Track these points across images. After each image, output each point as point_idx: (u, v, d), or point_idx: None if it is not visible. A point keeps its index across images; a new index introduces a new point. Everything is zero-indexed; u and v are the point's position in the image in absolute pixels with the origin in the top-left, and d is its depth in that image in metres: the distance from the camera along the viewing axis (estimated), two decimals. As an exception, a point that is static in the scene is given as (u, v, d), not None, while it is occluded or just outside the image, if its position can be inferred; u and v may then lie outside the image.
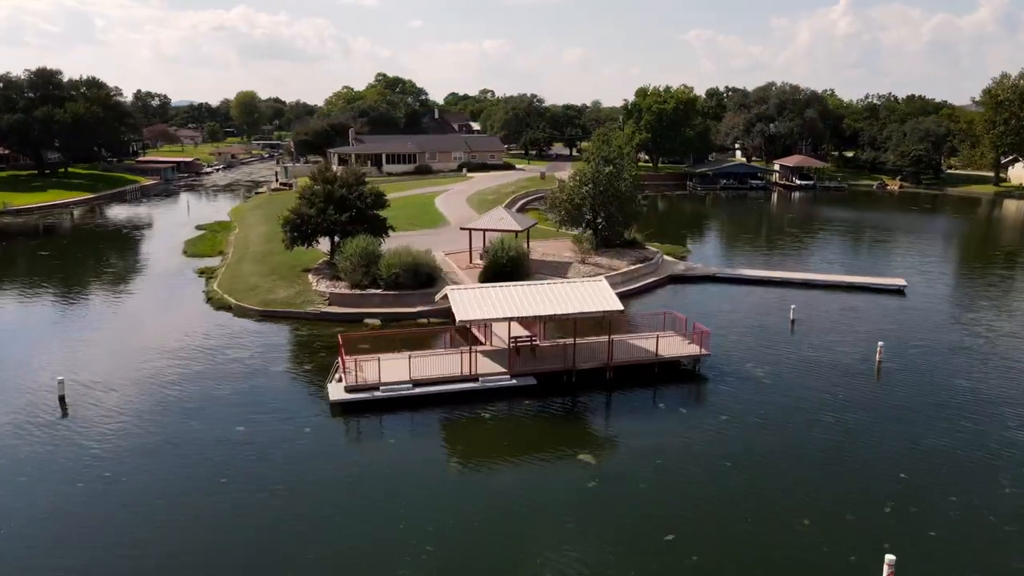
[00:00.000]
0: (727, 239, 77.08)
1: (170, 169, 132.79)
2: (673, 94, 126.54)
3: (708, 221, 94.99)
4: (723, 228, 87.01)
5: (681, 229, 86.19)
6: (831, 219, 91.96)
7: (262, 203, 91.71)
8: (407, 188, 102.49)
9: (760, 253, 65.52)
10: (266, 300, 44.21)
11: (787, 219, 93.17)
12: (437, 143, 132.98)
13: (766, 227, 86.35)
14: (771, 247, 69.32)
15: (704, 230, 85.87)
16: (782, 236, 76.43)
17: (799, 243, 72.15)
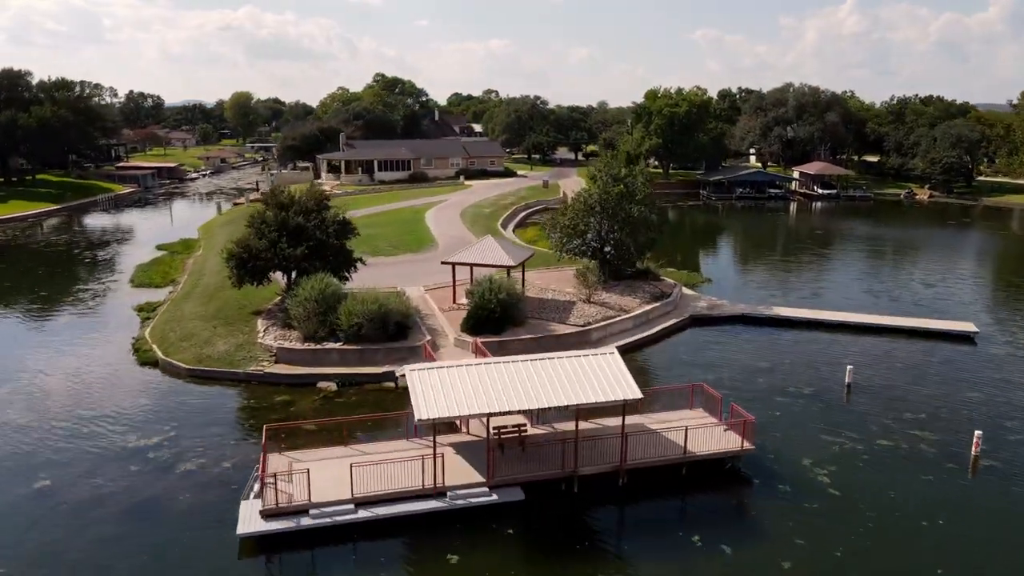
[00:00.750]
0: (750, 261, 68.69)
1: (149, 176, 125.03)
2: (685, 96, 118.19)
3: (726, 237, 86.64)
4: (744, 246, 78.65)
5: (697, 247, 78.02)
6: (862, 235, 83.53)
7: (237, 217, 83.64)
8: (397, 199, 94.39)
9: (791, 280, 57.15)
10: (200, 355, 36.14)
11: (814, 235, 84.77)
12: (433, 148, 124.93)
13: (792, 245, 77.97)
14: (801, 271, 60.94)
15: (723, 249, 77.51)
16: (812, 257, 68.04)
17: (832, 267, 63.74)
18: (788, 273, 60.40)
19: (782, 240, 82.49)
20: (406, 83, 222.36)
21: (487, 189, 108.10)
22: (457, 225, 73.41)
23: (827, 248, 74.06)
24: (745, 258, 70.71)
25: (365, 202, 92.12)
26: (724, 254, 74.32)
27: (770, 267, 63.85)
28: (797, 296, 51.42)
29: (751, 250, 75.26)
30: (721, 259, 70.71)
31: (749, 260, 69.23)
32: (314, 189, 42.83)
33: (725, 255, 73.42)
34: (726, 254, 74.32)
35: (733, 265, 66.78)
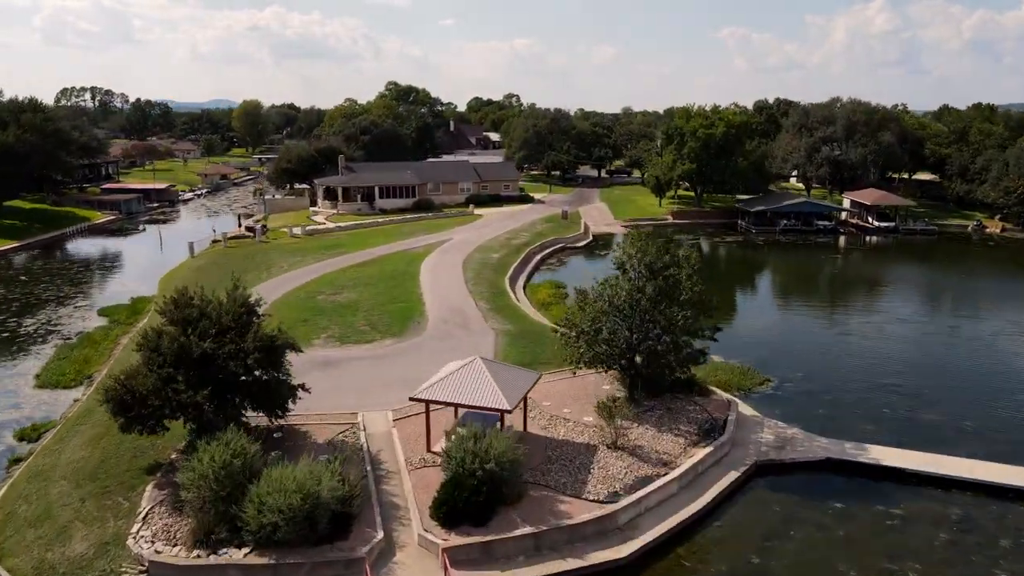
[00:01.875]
0: (814, 333, 56.03)
1: (134, 200, 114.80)
2: (722, 116, 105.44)
3: (774, 288, 74.02)
4: (799, 303, 66.01)
5: (741, 302, 65.44)
6: (946, 287, 70.68)
7: (209, 263, 72.79)
8: (395, 237, 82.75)
9: (881, 376, 44.65)
10: (41, 562, 24.68)
11: (888, 285, 71.94)
12: (441, 172, 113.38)
13: (864, 303, 65.25)
14: (890, 356, 48.39)
15: (773, 308, 64.86)
16: (899, 327, 55.31)
17: (937, 352, 50.95)
18: (875, 361, 47.77)
19: (847, 293, 69.70)
20: (420, 91, 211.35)
21: (499, 221, 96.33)
22: (457, 283, 61.62)
23: (914, 308, 61.29)
24: (806, 328, 58.06)
25: (357, 242, 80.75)
26: (777, 318, 61.68)
27: (844, 345, 51.24)
28: (899, 413, 39.00)
29: (810, 311, 62.57)
30: (774, 327, 58.11)
31: (811, 330, 56.59)
32: (240, 294, 31.16)
33: (778, 320, 60.80)
34: (779, 318, 61.68)
35: (792, 339, 54.23)
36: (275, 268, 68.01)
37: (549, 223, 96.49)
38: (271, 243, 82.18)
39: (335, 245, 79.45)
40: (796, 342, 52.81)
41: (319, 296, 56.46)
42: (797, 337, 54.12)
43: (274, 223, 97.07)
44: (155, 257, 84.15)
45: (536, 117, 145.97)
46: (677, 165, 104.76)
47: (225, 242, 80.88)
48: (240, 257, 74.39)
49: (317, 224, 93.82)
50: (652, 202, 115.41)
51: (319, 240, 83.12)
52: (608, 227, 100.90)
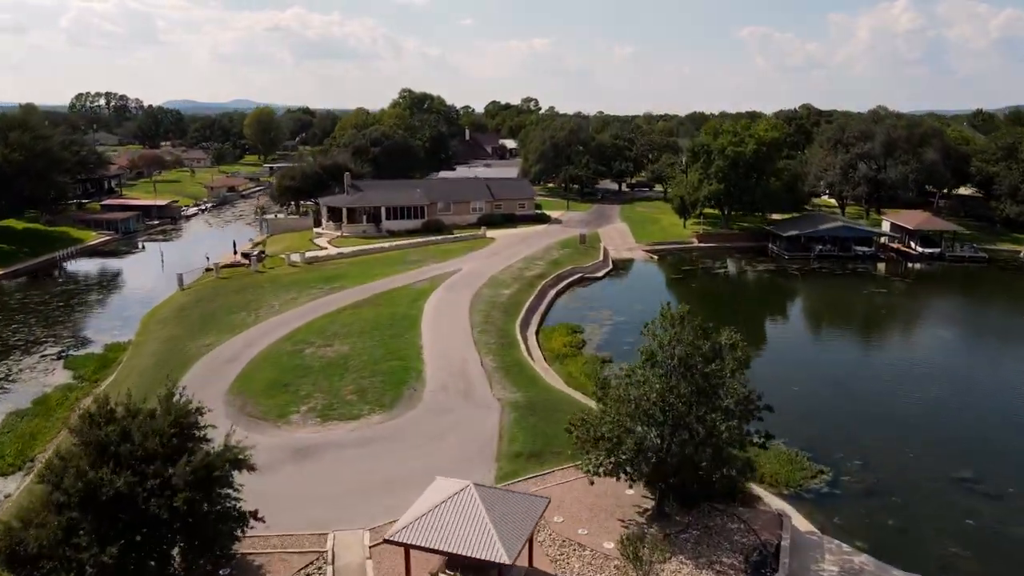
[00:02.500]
0: (868, 401, 49.21)
1: (132, 219, 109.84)
2: (752, 132, 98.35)
3: (815, 330, 67.04)
4: (848, 354, 59.04)
5: (778, 350, 58.44)
6: (1014, 331, 63.54)
7: (197, 299, 67.21)
8: (398, 267, 76.61)
9: (953, 466, 37.93)
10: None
11: (944, 329, 64.85)
12: (452, 191, 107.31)
13: (919, 353, 58.25)
14: (959, 436, 41.61)
15: (818, 360, 57.78)
16: (962, 384, 48.42)
17: (1012, 414, 44.05)
18: (945, 439, 40.99)
19: (900, 339, 62.67)
20: (435, 99, 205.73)
21: (512, 246, 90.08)
22: (462, 330, 55.42)
23: (981, 363, 54.27)
24: (858, 389, 51.13)
25: (358, 273, 74.85)
26: (823, 375, 54.64)
27: (905, 415, 44.37)
28: (985, 523, 32.28)
29: (860, 365, 55.64)
30: (821, 388, 51.19)
31: (865, 394, 49.70)
32: (175, 404, 25.04)
33: (825, 378, 53.79)
34: (826, 375, 54.65)
35: (844, 406, 47.39)
36: (265, 308, 62.21)
37: (566, 248, 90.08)
38: (267, 273, 76.51)
39: (334, 277, 73.62)
40: (849, 411, 45.91)
41: (307, 349, 50.51)
42: (849, 404, 47.21)
43: (274, 246, 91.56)
44: (145, 286, 78.92)
45: (554, 129, 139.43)
46: (703, 185, 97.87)
47: (218, 272, 75.26)
48: (231, 291, 68.78)
49: (318, 249, 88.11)
50: (675, 222, 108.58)
51: (318, 270, 77.33)
52: (629, 251, 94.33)
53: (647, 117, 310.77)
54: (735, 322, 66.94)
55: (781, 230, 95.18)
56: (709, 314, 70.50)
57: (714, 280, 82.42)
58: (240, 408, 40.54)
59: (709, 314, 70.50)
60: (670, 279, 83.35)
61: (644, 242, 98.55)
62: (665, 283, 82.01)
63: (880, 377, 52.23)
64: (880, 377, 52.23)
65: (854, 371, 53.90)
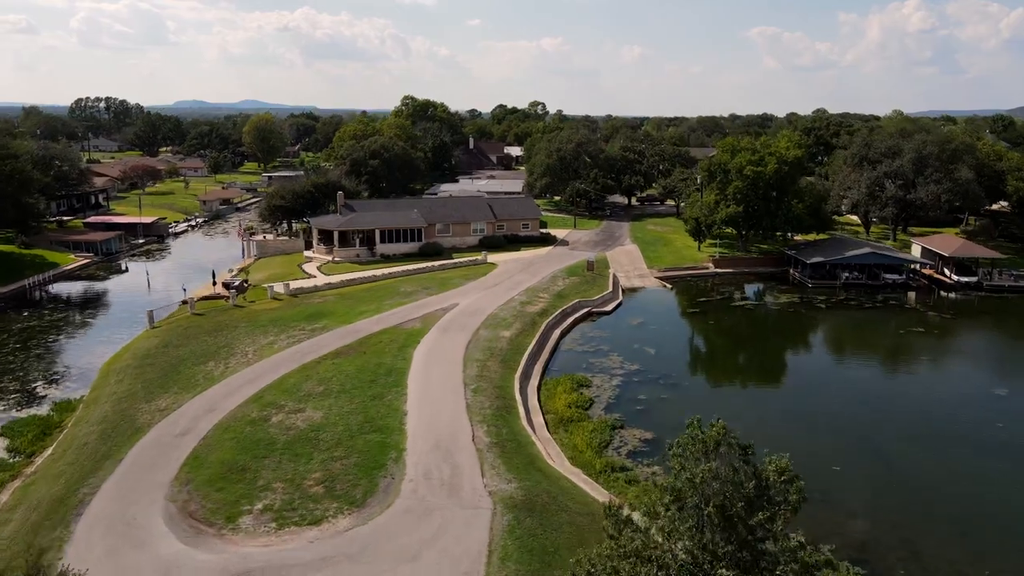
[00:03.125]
0: (936, 490, 42.46)
1: (114, 239, 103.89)
2: (773, 150, 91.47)
3: (849, 378, 60.03)
4: (895, 415, 52.16)
5: (805, 404, 50.84)
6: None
7: (164, 343, 60.94)
8: (387, 302, 69.84)
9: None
10: None
11: (1010, 384, 57.86)
12: (452, 211, 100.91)
13: (986, 411, 51.39)
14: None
15: (854, 424, 50.82)
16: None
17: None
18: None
19: (957, 398, 55.69)
20: (438, 106, 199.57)
21: (514, 273, 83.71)
22: (453, 389, 49.01)
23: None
24: (911, 472, 44.39)
25: (345, 309, 68.56)
26: (865, 445, 47.89)
27: (977, 507, 37.71)
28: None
29: (906, 429, 48.80)
30: (865, 466, 44.46)
31: (921, 477, 42.98)
32: None
33: (868, 449, 47.05)
34: (869, 447, 47.89)
35: (895, 492, 40.72)
36: (237, 356, 55.94)
37: (572, 276, 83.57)
38: (247, 308, 70.30)
39: (318, 314, 67.35)
40: (904, 501, 39.21)
41: (275, 416, 44.18)
42: (904, 490, 40.50)
43: (259, 273, 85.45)
44: (118, 319, 72.84)
45: (560, 141, 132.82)
46: (720, 207, 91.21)
47: (192, 307, 69.04)
48: (203, 332, 62.54)
49: (305, 278, 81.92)
50: (689, 243, 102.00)
51: (302, 305, 71.07)
52: (640, 279, 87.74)
53: (657, 123, 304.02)
54: (759, 370, 60.60)
55: (804, 255, 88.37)
56: (730, 359, 64.88)
57: (733, 315, 75.72)
58: (182, 507, 34.19)
59: (730, 359, 64.88)
60: (686, 313, 76.75)
61: (656, 267, 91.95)
62: (680, 318, 75.36)
63: (939, 451, 45.44)
64: (939, 451, 45.44)
65: (905, 444, 47.01)
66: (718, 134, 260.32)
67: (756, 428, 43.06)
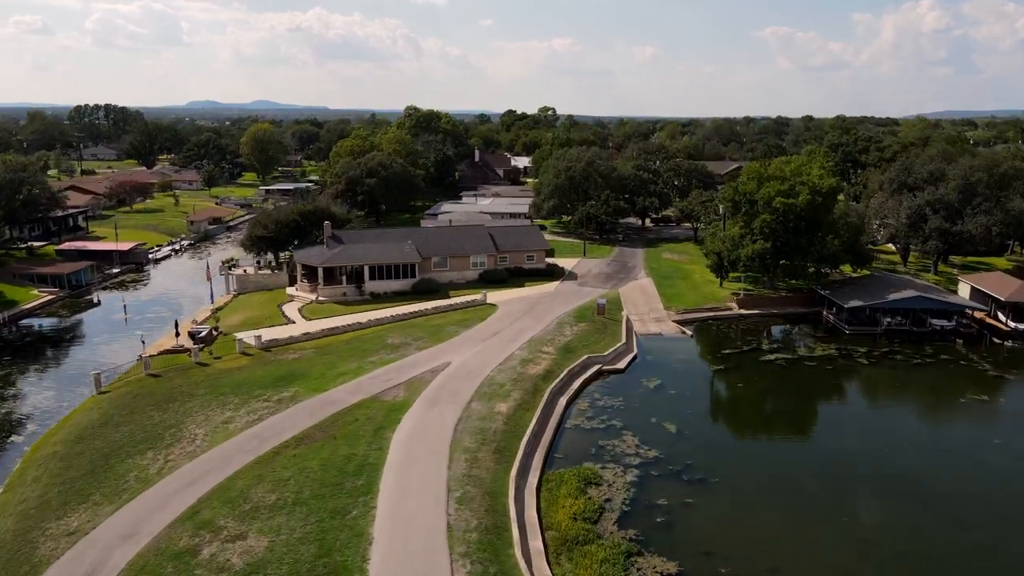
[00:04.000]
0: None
1: (85, 270, 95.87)
2: (804, 179, 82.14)
3: (912, 481, 50.56)
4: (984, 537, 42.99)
5: (852, 495, 41.01)
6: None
7: (104, 420, 52.54)
8: (369, 360, 60.87)
9: None
10: None
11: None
12: (449, 243, 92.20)
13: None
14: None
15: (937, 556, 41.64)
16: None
17: None
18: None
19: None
20: (443, 117, 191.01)
21: (516, 318, 75.00)
22: (434, 497, 40.36)
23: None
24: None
25: (318, 371, 60.08)
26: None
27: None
28: None
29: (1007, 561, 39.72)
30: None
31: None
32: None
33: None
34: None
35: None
36: (183, 442, 47.45)
37: (581, 322, 74.74)
38: (211, 366, 61.92)
39: (290, 377, 58.88)
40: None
41: (206, 548, 35.57)
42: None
43: (234, 316, 77.11)
44: (63, 379, 64.43)
45: (569, 160, 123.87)
46: (746, 242, 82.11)
47: (148, 366, 60.65)
48: (153, 403, 54.18)
49: (283, 324, 73.50)
50: (710, 278, 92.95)
51: (274, 362, 62.63)
52: (657, 323, 78.75)
53: (670, 131, 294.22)
54: (802, 463, 50.74)
55: (840, 297, 79.08)
56: (765, 443, 54.68)
57: (764, 373, 66.52)
58: None
59: (765, 443, 54.68)
60: (710, 371, 67.62)
61: (675, 308, 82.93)
62: (704, 379, 66.23)
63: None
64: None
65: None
66: (735, 143, 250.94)
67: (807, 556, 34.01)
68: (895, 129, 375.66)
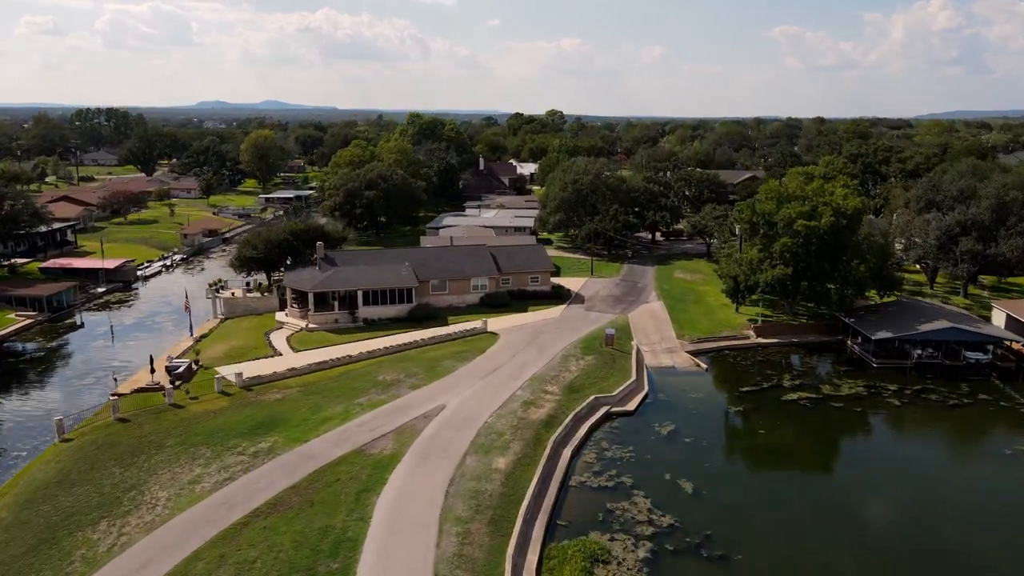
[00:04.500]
0: None
1: (67, 291, 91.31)
2: (828, 199, 76.62)
3: (966, 539, 45.29)
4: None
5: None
6: None
7: (60, 474, 47.77)
8: (353, 405, 55.82)
9: None
10: None
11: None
12: (449, 264, 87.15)
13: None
14: None
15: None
16: None
17: None
18: None
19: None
20: (446, 124, 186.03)
21: (519, 350, 69.94)
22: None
23: None
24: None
25: (301, 415, 55.19)
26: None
27: None
28: None
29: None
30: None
31: None
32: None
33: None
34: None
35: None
36: (142, 509, 42.58)
37: (588, 354, 69.64)
38: (186, 408, 57.08)
39: (270, 423, 54.02)
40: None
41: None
42: None
43: (218, 345, 72.28)
44: (19, 431, 59.52)
45: (576, 172, 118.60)
46: (765, 267, 76.75)
47: (117, 409, 55.82)
48: (116, 456, 49.42)
49: (269, 356, 68.70)
50: (725, 301, 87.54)
51: (254, 404, 57.77)
52: (669, 354, 73.51)
53: (680, 136, 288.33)
54: (834, 529, 45.23)
55: (866, 327, 73.58)
56: (794, 504, 48.07)
57: (788, 416, 61.11)
58: None
59: (794, 504, 48.07)
60: (728, 413, 62.23)
61: (688, 337, 77.67)
62: (722, 423, 60.84)
63: None
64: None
65: None
66: (747, 148, 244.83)
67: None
68: (910, 132, 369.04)
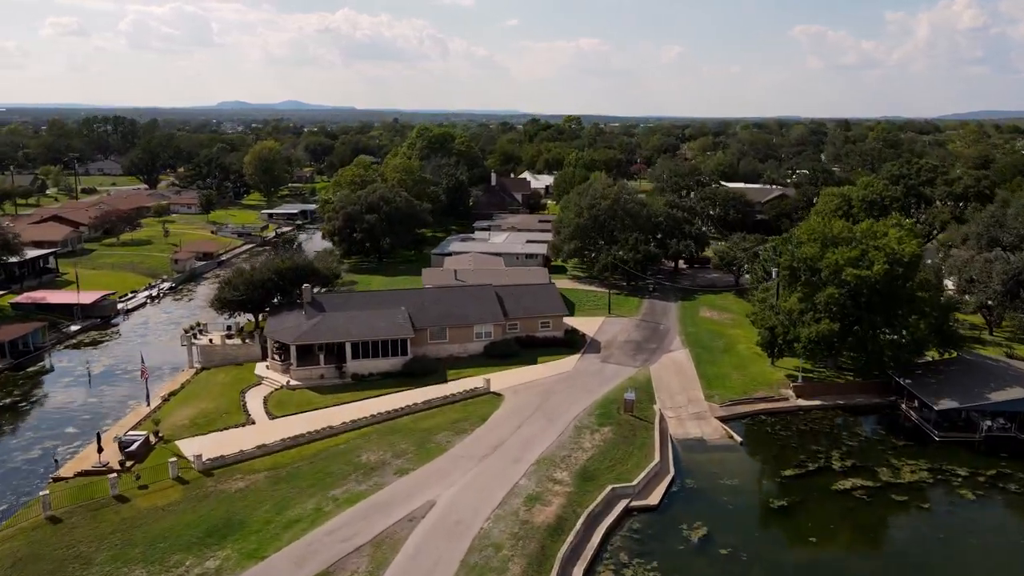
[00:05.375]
0: None
1: (34, 332, 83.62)
2: (880, 245, 66.81)
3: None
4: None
5: None
6: None
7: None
8: (326, 500, 46.94)
9: None
10: None
11: None
12: (449, 309, 78.24)
13: None
14: None
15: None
16: None
17: None
18: None
19: None
20: (456, 137, 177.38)
21: (525, 419, 61.05)
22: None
23: None
24: None
25: (264, 514, 46.69)
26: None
27: None
28: None
29: None
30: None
31: None
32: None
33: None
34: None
35: None
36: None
37: (603, 425, 60.60)
38: (131, 503, 48.71)
39: (224, 528, 45.53)
40: None
41: None
42: None
43: (186, 408, 63.97)
44: None
45: (593, 196, 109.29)
46: (808, 320, 67.18)
47: (48, 506, 47.45)
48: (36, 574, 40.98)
49: (240, 424, 60.27)
50: (757, 349, 77.87)
51: (212, 498, 49.30)
52: (697, 422, 64.27)
53: (701, 145, 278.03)
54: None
55: (926, 392, 63.82)
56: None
57: (841, 514, 51.51)
58: None
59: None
60: (768, 512, 52.44)
61: (718, 398, 68.36)
62: (764, 525, 51.32)
63: None
64: None
65: None
66: (773, 159, 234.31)
67: None
68: (940, 138, 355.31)
